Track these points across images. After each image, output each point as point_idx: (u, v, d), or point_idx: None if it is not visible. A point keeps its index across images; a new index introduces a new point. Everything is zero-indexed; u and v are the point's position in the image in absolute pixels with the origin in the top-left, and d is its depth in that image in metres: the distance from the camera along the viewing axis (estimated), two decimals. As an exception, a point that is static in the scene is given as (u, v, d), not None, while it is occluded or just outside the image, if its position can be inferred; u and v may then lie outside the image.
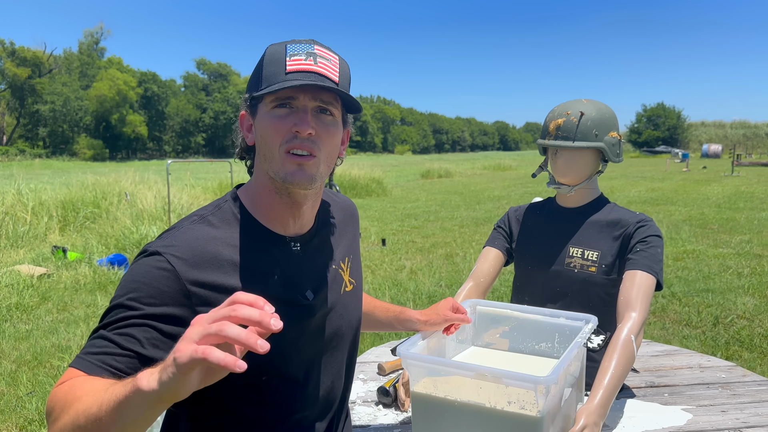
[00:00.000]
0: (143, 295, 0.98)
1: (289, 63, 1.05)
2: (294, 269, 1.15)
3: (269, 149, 1.07)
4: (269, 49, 1.08)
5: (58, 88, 60.70)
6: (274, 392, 1.12)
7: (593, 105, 1.76)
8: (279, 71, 1.05)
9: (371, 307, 1.54)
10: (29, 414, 3.38)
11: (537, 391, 1.18)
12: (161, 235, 1.08)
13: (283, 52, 1.06)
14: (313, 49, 1.07)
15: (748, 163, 35.67)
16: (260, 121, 1.08)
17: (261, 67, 1.08)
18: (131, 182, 11.21)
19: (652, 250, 1.66)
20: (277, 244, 1.14)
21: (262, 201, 1.13)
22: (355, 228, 1.38)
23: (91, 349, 0.95)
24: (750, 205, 13.32)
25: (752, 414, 1.58)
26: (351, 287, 1.30)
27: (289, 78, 1.03)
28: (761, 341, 4.38)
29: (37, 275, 6.42)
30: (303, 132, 1.04)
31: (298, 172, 1.06)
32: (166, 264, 1.00)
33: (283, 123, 1.05)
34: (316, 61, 1.06)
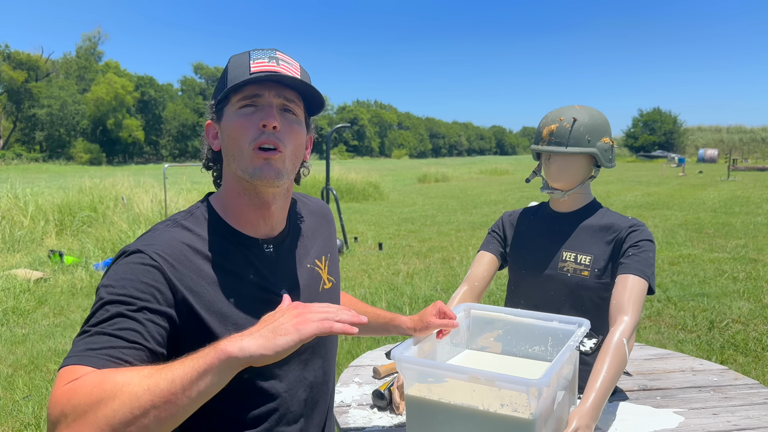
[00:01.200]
0: (134, 290, 0.99)
1: (252, 65, 1.11)
2: (267, 270, 1.18)
3: (238, 147, 1.11)
4: (233, 58, 1.14)
5: (55, 92, 60.63)
6: (256, 390, 1.15)
7: (586, 111, 1.78)
8: (243, 74, 1.10)
9: (362, 313, 1.55)
10: (25, 418, 3.38)
11: (529, 393, 1.20)
12: (139, 238, 1.11)
13: (246, 57, 1.12)
14: (275, 54, 1.13)
15: (744, 168, 35.79)
16: (227, 122, 1.12)
17: (225, 73, 1.13)
18: (128, 186, 11.21)
19: (644, 254, 1.67)
20: (249, 247, 1.17)
21: (231, 204, 1.17)
22: (329, 228, 1.42)
23: (92, 345, 0.94)
24: (746, 209, 13.37)
25: (743, 417, 1.59)
26: (330, 285, 1.34)
27: (252, 77, 1.08)
28: (756, 345, 4.40)
29: (33, 279, 6.42)
30: (269, 124, 1.08)
31: (265, 166, 1.10)
32: (149, 260, 1.03)
33: (250, 120, 1.10)
34: (278, 63, 1.12)
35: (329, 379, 1.33)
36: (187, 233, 1.12)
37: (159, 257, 1.04)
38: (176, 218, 1.16)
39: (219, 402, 1.11)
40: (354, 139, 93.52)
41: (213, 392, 0.85)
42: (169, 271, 1.04)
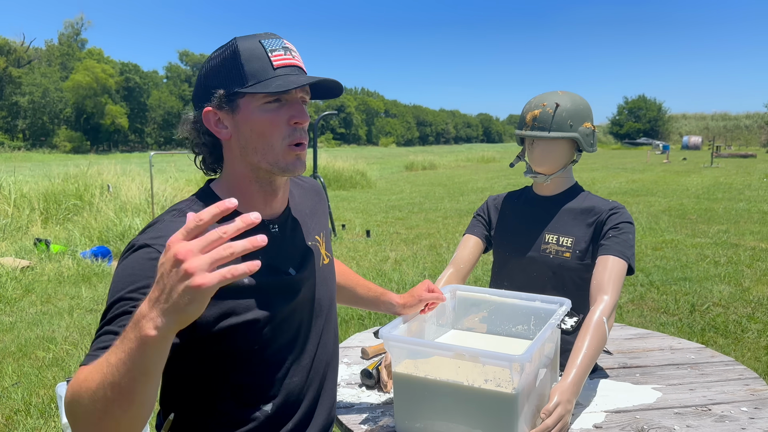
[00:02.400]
0: (141, 286, 1.01)
1: (273, 59, 1.12)
2: (275, 250, 1.20)
3: (268, 143, 1.13)
4: (243, 45, 1.12)
5: (38, 79, 59.78)
6: (265, 361, 1.19)
7: (568, 96, 1.82)
8: (266, 68, 1.11)
9: (353, 284, 1.62)
10: (15, 404, 3.40)
11: (512, 368, 1.25)
12: (144, 230, 1.12)
13: (261, 48, 1.12)
14: (284, 43, 1.15)
15: (727, 155, 36.16)
16: (250, 117, 1.12)
17: (240, 62, 1.11)
18: (114, 174, 11.14)
19: (623, 236, 1.73)
20: (256, 229, 1.18)
21: (239, 189, 1.19)
22: (323, 206, 1.46)
23: (99, 344, 0.96)
24: (728, 195, 13.55)
25: (718, 392, 1.66)
26: (327, 260, 1.38)
27: (279, 73, 1.10)
28: (735, 327, 4.50)
29: (20, 268, 6.39)
30: (304, 123, 1.14)
31: (297, 162, 1.16)
32: (157, 254, 1.04)
33: (279, 116, 1.12)
34: (293, 55, 1.15)
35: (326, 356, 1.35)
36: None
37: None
38: (181, 207, 1.17)
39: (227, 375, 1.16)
40: (341, 127, 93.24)
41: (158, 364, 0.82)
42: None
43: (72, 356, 4.08)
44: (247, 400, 1.19)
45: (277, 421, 1.22)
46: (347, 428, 1.48)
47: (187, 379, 1.17)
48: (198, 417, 1.18)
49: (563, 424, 1.39)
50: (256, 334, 1.15)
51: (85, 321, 4.85)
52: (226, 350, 1.14)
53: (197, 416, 1.18)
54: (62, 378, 3.69)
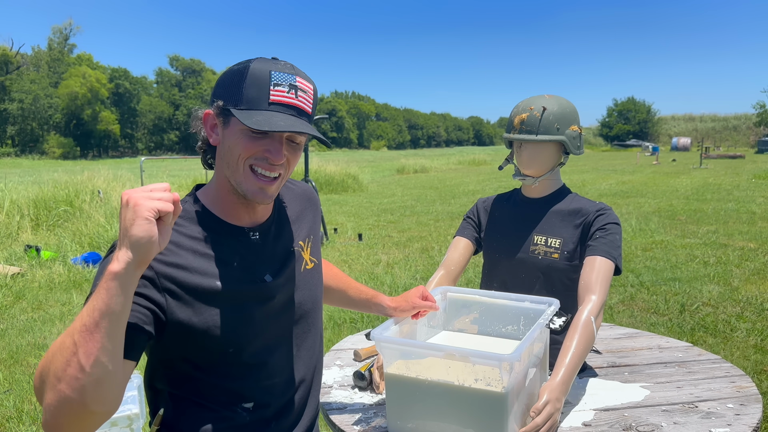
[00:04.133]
0: None
1: (272, 93, 1.12)
2: (252, 256, 1.25)
3: (234, 161, 1.16)
4: (253, 67, 1.14)
5: (26, 85, 59.42)
6: (243, 363, 1.23)
7: (555, 100, 1.85)
8: (261, 98, 1.12)
9: (344, 286, 1.65)
10: (7, 411, 3.39)
11: (502, 368, 1.27)
12: None
13: (267, 77, 1.12)
14: (295, 81, 1.14)
15: (716, 156, 36.43)
16: (231, 134, 1.16)
17: (242, 83, 1.13)
18: (104, 180, 11.10)
19: (610, 236, 1.75)
20: (236, 235, 1.23)
21: (220, 198, 1.23)
22: (314, 212, 1.47)
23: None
24: (717, 196, 13.66)
25: (705, 389, 1.68)
26: (312, 265, 1.40)
27: (271, 109, 1.12)
28: (725, 327, 4.55)
29: (10, 274, 6.37)
30: (277, 161, 1.15)
31: (259, 192, 1.18)
32: None
33: (254, 145, 1.14)
34: (296, 95, 1.14)
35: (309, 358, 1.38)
36: (175, 225, 1.17)
37: None
38: None
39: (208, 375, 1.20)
40: (332, 131, 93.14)
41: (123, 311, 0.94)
42: (154, 264, 1.11)
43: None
44: (228, 398, 1.22)
45: (261, 418, 1.26)
46: (340, 429, 1.49)
47: (172, 376, 1.21)
48: (187, 411, 1.21)
49: (553, 422, 1.41)
50: (230, 338, 1.18)
51: (76, 327, 4.83)
52: (201, 352, 1.18)
53: (186, 411, 1.21)
54: (54, 384, 3.68)
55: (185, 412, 1.21)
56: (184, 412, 1.21)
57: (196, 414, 1.21)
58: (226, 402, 1.22)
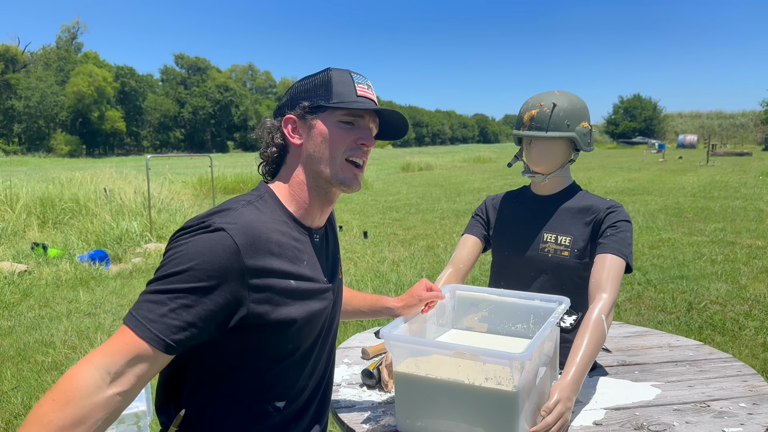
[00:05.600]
0: (207, 268, 1.05)
1: (358, 88, 1.27)
2: (317, 258, 1.29)
3: (331, 154, 1.24)
4: (335, 73, 1.27)
5: (34, 83, 59.62)
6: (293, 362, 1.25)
7: (565, 96, 1.83)
8: (351, 92, 1.26)
9: (348, 297, 1.66)
10: (14, 408, 3.39)
11: (512, 367, 1.26)
12: (218, 213, 1.15)
13: (350, 78, 1.27)
14: (369, 81, 1.32)
15: (723, 153, 36.28)
16: (324, 128, 1.24)
17: (330, 84, 1.25)
18: (110, 178, 11.13)
19: (621, 234, 1.73)
20: (305, 235, 1.27)
21: (299, 195, 1.27)
22: (334, 223, 1.53)
23: (149, 314, 1.03)
24: (724, 194, 13.60)
25: (717, 388, 1.67)
26: (341, 276, 1.45)
27: (359, 100, 1.25)
28: (733, 325, 4.52)
29: (17, 272, 6.39)
30: (369, 145, 1.27)
31: (354, 179, 1.27)
32: (230, 242, 1.08)
33: (348, 134, 1.25)
34: (373, 91, 1.32)
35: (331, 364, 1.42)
36: (262, 215, 1.18)
37: (241, 239, 1.09)
38: (249, 199, 1.22)
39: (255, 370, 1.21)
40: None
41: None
42: (245, 254, 1.10)
43: (71, 360, 4.08)
44: (265, 396, 1.23)
45: (288, 417, 1.26)
46: (349, 428, 1.48)
47: (213, 372, 1.20)
48: (213, 411, 1.21)
49: (563, 421, 1.40)
50: (294, 335, 1.20)
51: (83, 324, 4.85)
52: (263, 348, 1.19)
53: (212, 410, 1.21)
54: (61, 382, 3.68)
55: (212, 411, 1.21)
56: (210, 411, 1.21)
57: (226, 412, 1.21)
58: (261, 400, 1.22)
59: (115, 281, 6.30)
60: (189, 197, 11.82)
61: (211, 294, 1.06)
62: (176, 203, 10.37)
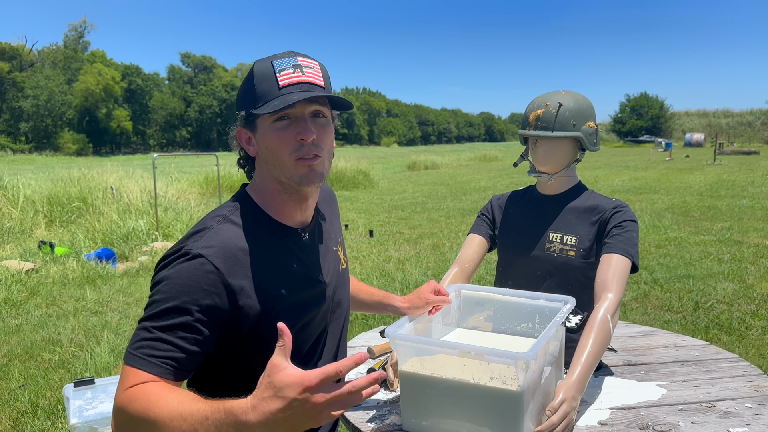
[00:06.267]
0: (195, 297, 1.08)
1: (280, 78, 1.15)
2: (308, 257, 1.28)
3: (279, 159, 1.17)
4: (256, 66, 1.18)
5: (42, 81, 59.86)
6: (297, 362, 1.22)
7: (571, 96, 1.83)
8: (272, 87, 1.15)
9: (356, 290, 1.67)
10: (22, 406, 3.41)
11: (517, 366, 1.26)
12: (193, 236, 1.16)
13: (271, 68, 1.16)
14: (297, 61, 1.17)
15: (730, 152, 36.09)
16: (264, 135, 1.18)
17: (252, 84, 1.16)
18: (116, 177, 11.17)
19: (627, 234, 1.73)
20: (291, 236, 1.26)
21: (271, 200, 1.25)
22: (337, 210, 1.51)
23: (154, 352, 1.05)
24: (731, 192, 13.53)
25: (723, 388, 1.66)
26: (345, 265, 1.44)
27: (283, 92, 1.14)
28: (740, 325, 4.50)
29: (25, 270, 6.42)
30: (307, 139, 1.15)
31: (310, 173, 1.18)
32: (210, 267, 1.10)
33: (286, 134, 1.16)
34: (303, 71, 1.17)
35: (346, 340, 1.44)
36: (238, 229, 1.18)
37: (219, 261, 1.11)
38: (224, 213, 1.22)
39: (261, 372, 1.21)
40: (343, 127, 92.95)
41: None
42: (227, 274, 1.11)
43: (78, 358, 4.10)
44: None
45: None
46: (354, 426, 1.49)
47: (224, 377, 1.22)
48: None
49: (568, 421, 1.40)
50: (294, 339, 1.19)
51: (90, 323, 4.87)
52: (261, 355, 1.18)
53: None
54: (69, 380, 3.71)
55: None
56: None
57: None
58: None
59: (121, 280, 6.32)
60: (195, 196, 11.84)
61: (204, 320, 1.08)
62: (183, 202, 10.40)
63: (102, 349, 4.18)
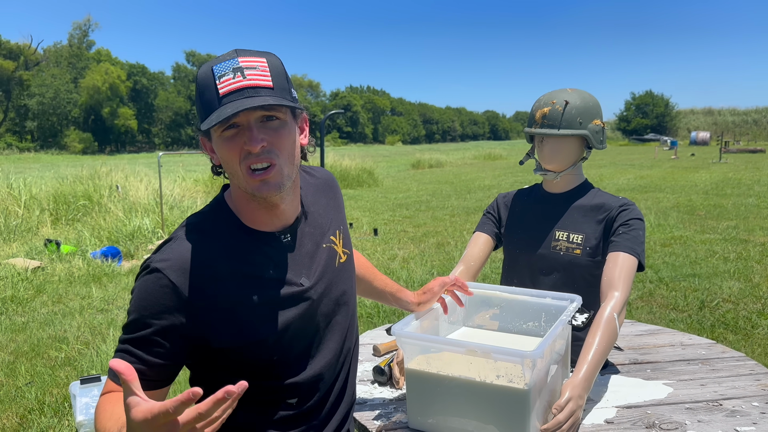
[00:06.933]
0: (153, 311, 1.09)
1: (219, 86, 1.08)
2: (286, 261, 1.23)
3: (232, 169, 1.13)
4: (199, 74, 1.12)
5: (47, 80, 60.03)
6: (288, 365, 1.23)
7: (577, 94, 1.82)
8: (213, 97, 1.08)
9: (371, 276, 1.64)
10: (29, 403, 3.43)
11: (524, 364, 1.26)
12: (159, 248, 1.16)
13: (211, 76, 1.09)
14: (237, 63, 1.09)
15: (735, 150, 35.93)
16: (217, 146, 1.14)
17: (199, 94, 1.12)
18: (122, 175, 11.20)
19: (633, 232, 1.73)
20: (268, 242, 1.21)
21: (243, 207, 1.21)
22: (338, 198, 1.44)
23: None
24: (737, 191, 13.48)
25: (729, 387, 1.66)
26: (345, 258, 1.38)
27: (223, 102, 1.07)
28: (746, 323, 4.49)
29: (31, 268, 6.45)
30: (253, 149, 1.08)
31: (262, 186, 1.12)
32: (165, 281, 1.10)
33: (234, 143, 1.10)
34: (244, 75, 1.08)
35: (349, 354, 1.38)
36: (206, 238, 1.16)
37: (174, 274, 1.10)
38: (193, 222, 1.20)
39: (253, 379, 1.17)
40: (347, 126, 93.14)
41: None
42: (184, 287, 1.10)
43: (84, 355, 4.12)
44: (273, 397, 1.23)
45: (305, 410, 1.26)
46: (360, 424, 1.49)
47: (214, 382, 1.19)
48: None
49: (575, 419, 1.40)
50: (272, 348, 1.19)
51: (96, 321, 4.89)
52: (245, 362, 1.19)
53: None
54: (75, 377, 3.72)
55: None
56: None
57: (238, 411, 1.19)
58: (270, 401, 1.22)
59: (127, 277, 6.34)
60: (201, 194, 11.86)
61: (164, 333, 1.10)
62: (188, 200, 10.42)
63: (108, 347, 4.19)
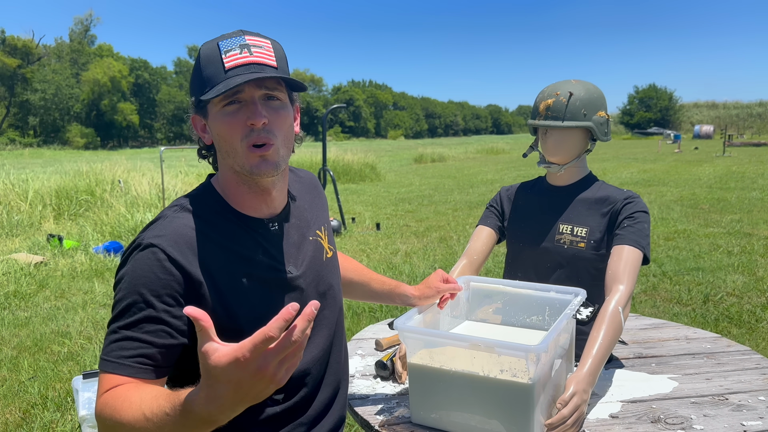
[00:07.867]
0: (154, 287, 1.05)
1: (226, 60, 1.09)
2: (275, 249, 1.22)
3: (230, 146, 1.12)
4: (203, 49, 1.12)
5: (49, 75, 60.01)
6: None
7: (582, 85, 1.80)
8: (218, 70, 1.09)
9: (367, 279, 1.63)
10: (32, 398, 3.43)
11: (528, 359, 1.24)
12: (148, 227, 1.13)
13: (216, 50, 1.10)
14: (244, 40, 1.10)
15: (739, 144, 35.82)
16: (214, 121, 1.13)
17: (200, 69, 1.11)
18: (124, 170, 11.20)
19: (638, 225, 1.71)
20: (256, 228, 1.20)
21: (232, 192, 1.19)
22: (322, 198, 1.45)
23: (124, 352, 1.03)
24: (741, 185, 13.43)
25: (735, 381, 1.64)
26: (330, 254, 1.38)
27: (229, 75, 1.08)
28: (750, 317, 4.47)
29: (33, 263, 6.45)
30: (257, 123, 1.08)
31: (262, 163, 1.12)
32: (162, 255, 1.07)
33: (236, 119, 1.10)
34: (251, 51, 1.10)
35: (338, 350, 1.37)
36: (196, 218, 1.14)
37: (173, 248, 1.08)
38: (182, 203, 1.18)
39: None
40: (350, 120, 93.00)
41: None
42: (183, 261, 1.08)
43: (87, 350, 4.12)
44: None
45: (292, 407, 1.24)
46: (363, 419, 1.48)
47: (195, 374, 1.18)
48: None
49: (579, 413, 1.38)
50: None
51: (98, 315, 4.89)
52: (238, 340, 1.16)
53: None
54: (78, 372, 3.72)
55: None
56: None
57: None
58: None
59: (129, 272, 6.34)
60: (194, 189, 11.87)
61: (168, 309, 1.06)
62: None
63: (110, 342, 4.19)
